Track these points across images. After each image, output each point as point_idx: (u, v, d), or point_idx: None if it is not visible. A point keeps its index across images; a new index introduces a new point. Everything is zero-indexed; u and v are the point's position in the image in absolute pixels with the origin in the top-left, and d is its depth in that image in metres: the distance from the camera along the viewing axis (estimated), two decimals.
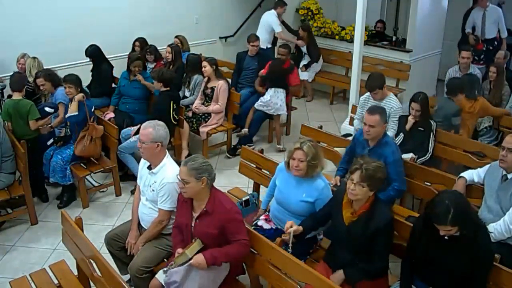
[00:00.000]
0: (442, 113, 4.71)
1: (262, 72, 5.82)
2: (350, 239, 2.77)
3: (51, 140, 4.69)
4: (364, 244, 2.73)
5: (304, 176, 3.09)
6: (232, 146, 5.77)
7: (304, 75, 7.30)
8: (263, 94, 5.74)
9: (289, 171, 3.17)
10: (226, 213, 2.76)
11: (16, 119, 4.47)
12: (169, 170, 3.11)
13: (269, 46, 7.14)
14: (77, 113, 4.41)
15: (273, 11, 7.06)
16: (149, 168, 3.18)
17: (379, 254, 2.74)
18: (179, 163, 3.08)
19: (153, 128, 3.10)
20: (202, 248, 2.80)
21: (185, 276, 2.76)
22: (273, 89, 5.64)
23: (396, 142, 4.44)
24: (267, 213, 3.44)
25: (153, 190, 3.12)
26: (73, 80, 4.50)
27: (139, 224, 3.30)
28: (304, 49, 7.39)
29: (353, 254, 2.78)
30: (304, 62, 7.41)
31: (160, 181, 3.07)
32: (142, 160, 3.33)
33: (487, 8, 6.95)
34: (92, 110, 4.63)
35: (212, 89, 5.43)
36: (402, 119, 4.40)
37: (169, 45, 6.01)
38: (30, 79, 5.11)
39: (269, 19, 7.02)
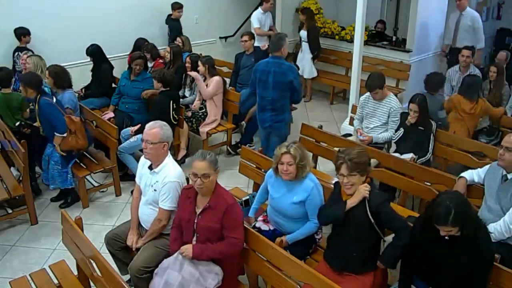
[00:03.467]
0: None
1: None
2: (352, 223, 2.76)
3: (18, 122, 4.57)
4: (366, 227, 2.73)
5: (293, 179, 3.09)
6: (234, 143, 5.79)
7: (313, 71, 7.38)
8: None
9: (278, 176, 3.16)
10: (227, 206, 2.78)
11: (4, 110, 4.57)
12: (171, 169, 3.11)
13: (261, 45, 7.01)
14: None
15: (258, 8, 7.13)
16: (150, 168, 3.18)
17: (398, 226, 2.72)
18: (178, 162, 3.08)
19: (160, 128, 3.10)
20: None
21: (172, 263, 2.81)
22: None
23: (396, 137, 4.44)
24: (265, 213, 3.44)
25: (154, 190, 3.12)
26: (26, 80, 4.25)
27: (139, 224, 3.30)
28: (304, 35, 7.33)
29: (355, 241, 2.78)
30: (305, 54, 7.37)
31: (162, 180, 3.07)
32: (142, 160, 3.33)
33: (463, 12, 6.32)
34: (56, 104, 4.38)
35: (207, 86, 5.44)
36: (404, 116, 4.40)
37: (169, 45, 6.02)
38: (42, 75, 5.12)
39: (252, 17, 7.07)
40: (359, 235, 2.77)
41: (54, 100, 4.35)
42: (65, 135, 4.30)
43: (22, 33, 5.68)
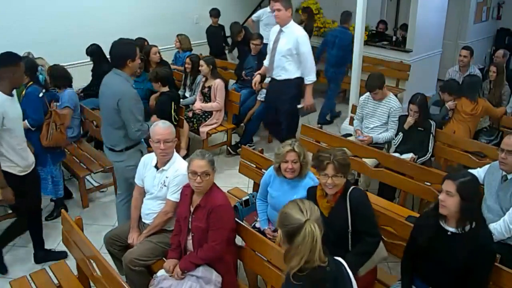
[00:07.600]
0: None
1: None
2: (334, 228, 2.71)
3: None
4: (347, 226, 2.72)
5: (295, 177, 3.10)
6: (234, 143, 5.80)
7: None
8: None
9: (280, 175, 3.15)
10: (214, 207, 2.78)
11: None
12: (181, 163, 3.17)
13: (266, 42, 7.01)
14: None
15: (267, 7, 7.15)
16: (156, 167, 3.20)
17: (369, 229, 2.73)
18: None
19: (170, 126, 3.18)
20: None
21: (174, 284, 2.81)
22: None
23: (396, 141, 4.45)
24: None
25: (165, 185, 3.14)
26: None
27: (141, 221, 3.31)
28: None
29: (335, 244, 2.70)
30: None
31: (173, 173, 3.12)
32: (142, 161, 3.33)
33: (283, 28, 4.44)
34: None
35: (209, 88, 5.45)
36: (402, 119, 4.41)
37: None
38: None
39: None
40: (340, 241, 2.73)
41: (43, 92, 4.07)
42: (33, 129, 3.99)
43: (212, 14, 7.25)
